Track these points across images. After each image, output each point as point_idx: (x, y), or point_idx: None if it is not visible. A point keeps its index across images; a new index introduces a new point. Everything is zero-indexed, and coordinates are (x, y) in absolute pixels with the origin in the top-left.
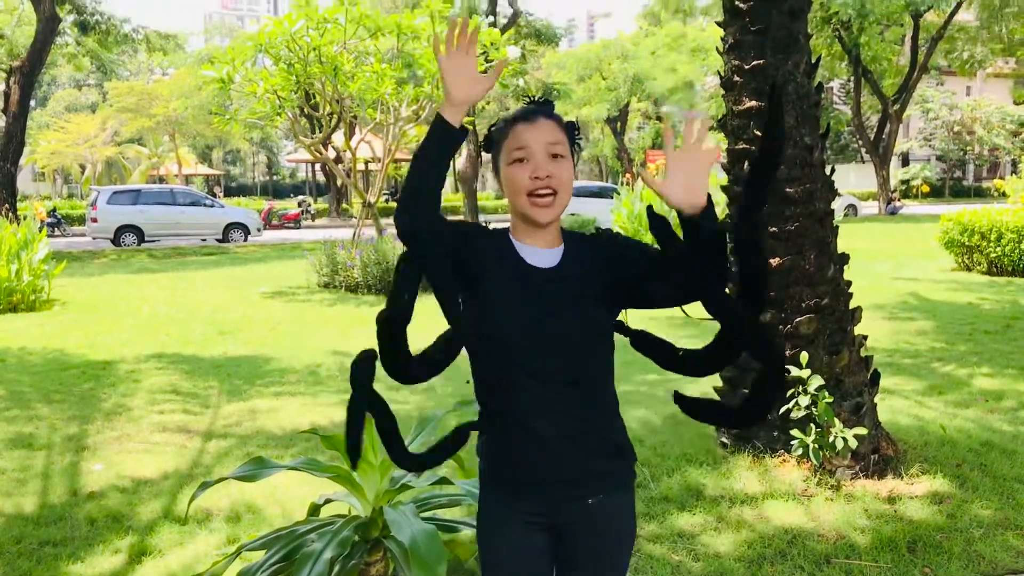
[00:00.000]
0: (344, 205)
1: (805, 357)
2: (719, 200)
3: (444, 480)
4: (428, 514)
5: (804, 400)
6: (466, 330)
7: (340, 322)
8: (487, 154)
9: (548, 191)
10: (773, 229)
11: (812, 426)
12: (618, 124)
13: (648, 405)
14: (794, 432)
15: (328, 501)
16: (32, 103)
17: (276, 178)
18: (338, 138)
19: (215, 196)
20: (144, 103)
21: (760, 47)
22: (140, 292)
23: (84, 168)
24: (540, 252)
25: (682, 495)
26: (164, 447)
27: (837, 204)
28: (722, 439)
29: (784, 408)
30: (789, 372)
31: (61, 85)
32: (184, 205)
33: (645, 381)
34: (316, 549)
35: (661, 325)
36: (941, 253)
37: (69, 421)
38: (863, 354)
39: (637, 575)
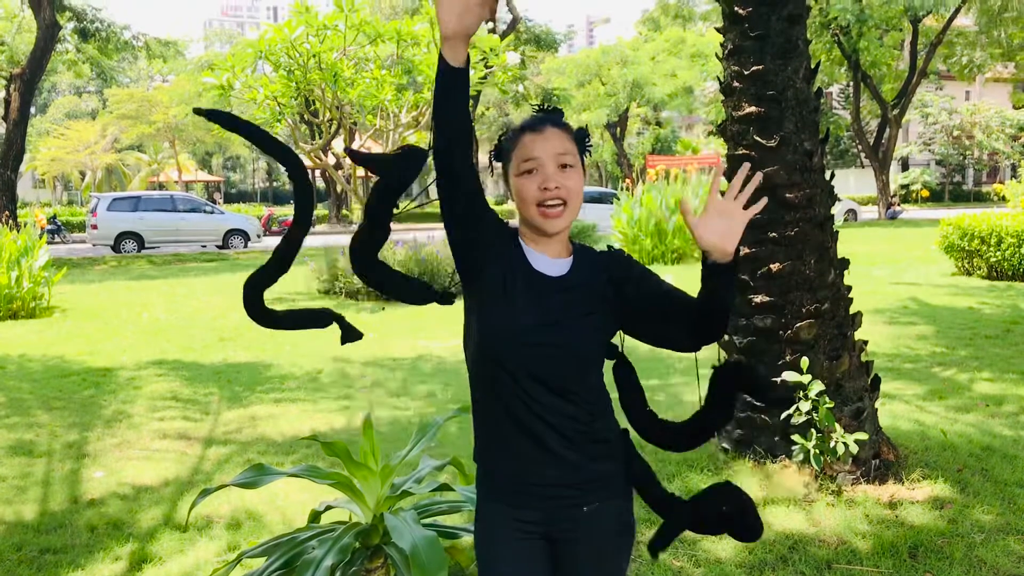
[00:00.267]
0: (344, 211)
1: (806, 362)
2: None
3: (445, 486)
4: (429, 520)
5: (805, 405)
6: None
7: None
8: (497, 163)
9: (557, 201)
10: (773, 234)
11: (813, 431)
12: (618, 130)
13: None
14: (795, 437)
15: (328, 508)
16: (32, 110)
17: (276, 184)
18: (338, 144)
19: (215, 202)
20: (144, 110)
21: (759, 53)
22: (140, 299)
23: (84, 175)
24: (549, 260)
25: None
26: (164, 454)
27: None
28: (723, 445)
29: (785, 413)
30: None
31: (61, 92)
32: (184, 212)
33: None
34: (317, 556)
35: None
36: (941, 257)
37: (69, 428)
38: (864, 359)
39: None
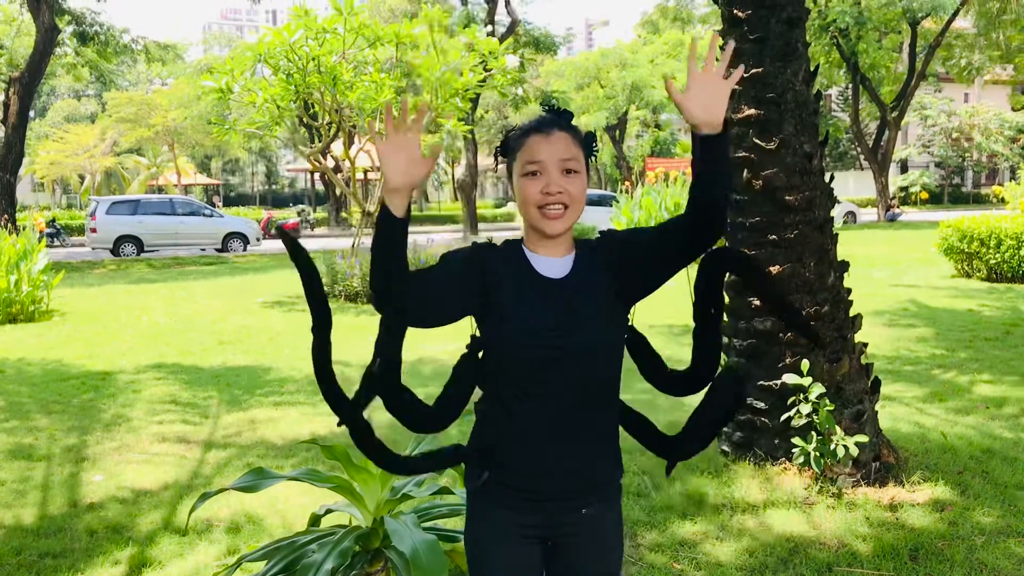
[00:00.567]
0: (343, 214)
1: (806, 365)
2: None
3: (445, 490)
4: (429, 524)
5: (805, 408)
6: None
7: (339, 332)
8: (502, 158)
9: (559, 205)
10: (773, 237)
11: (813, 434)
12: (617, 132)
13: (648, 413)
14: (795, 440)
15: (328, 511)
16: (31, 113)
17: (275, 188)
18: (337, 147)
19: (214, 206)
20: (143, 113)
21: (759, 55)
22: (139, 302)
23: (83, 178)
24: (552, 262)
25: (683, 504)
26: (164, 458)
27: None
28: (723, 447)
29: (785, 416)
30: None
31: (60, 95)
32: (183, 215)
33: (645, 389)
34: (317, 560)
35: (656, 333)
36: (940, 260)
37: (68, 432)
38: (863, 361)
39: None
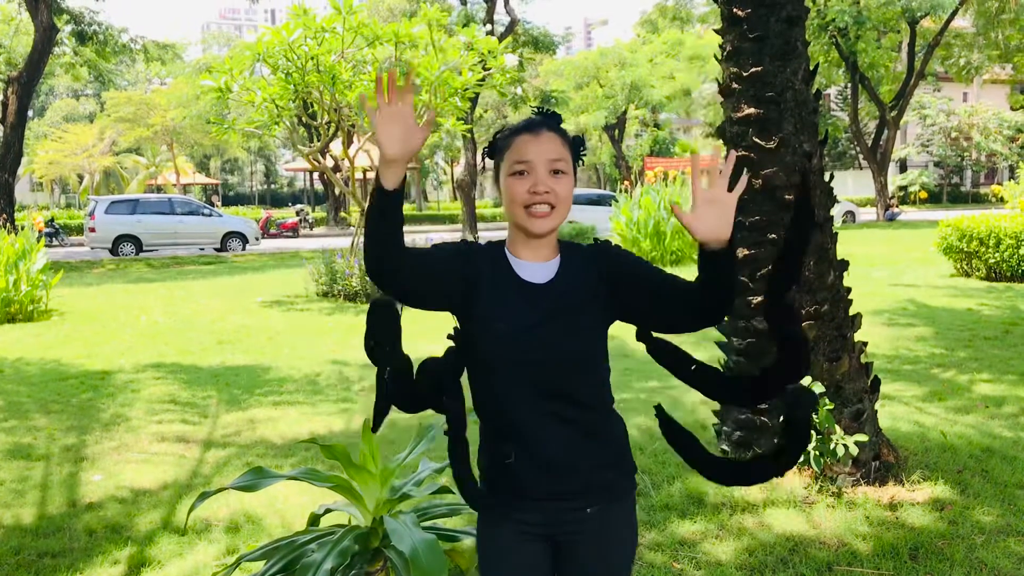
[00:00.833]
0: (342, 214)
1: None
2: None
3: (444, 489)
4: (428, 523)
5: None
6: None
7: (339, 331)
8: (491, 160)
9: (545, 205)
10: (772, 236)
11: (813, 433)
12: (616, 131)
13: (648, 413)
14: None
15: (328, 511)
16: (30, 113)
17: (274, 187)
18: (336, 147)
19: (213, 205)
20: (142, 113)
21: (758, 54)
22: (138, 302)
23: (82, 178)
24: (535, 266)
25: (683, 503)
26: (163, 457)
27: (835, 211)
28: (723, 446)
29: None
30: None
31: (59, 95)
32: (182, 214)
33: (645, 388)
34: (316, 559)
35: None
36: (940, 259)
37: (67, 431)
38: (863, 361)
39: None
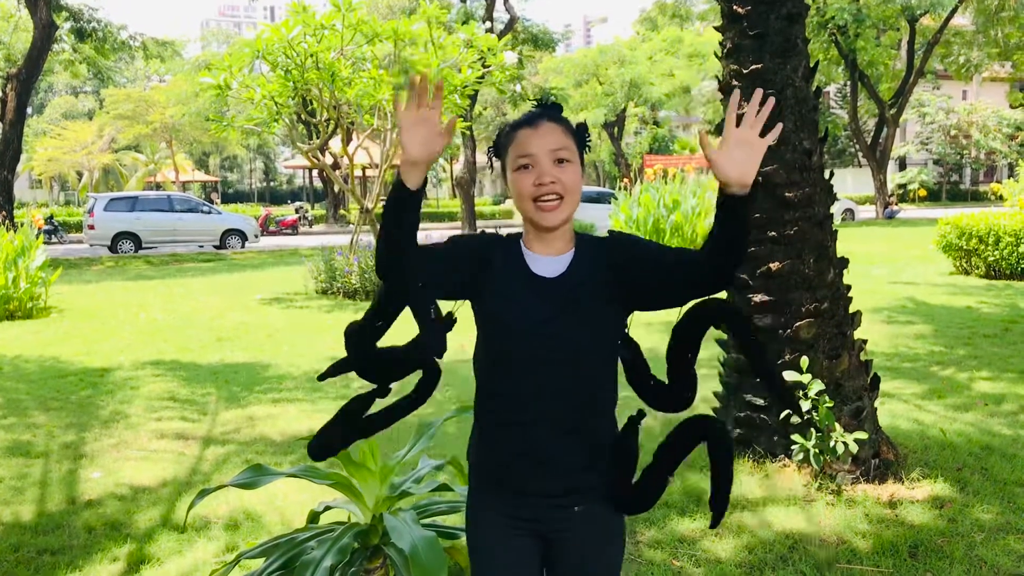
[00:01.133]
0: (341, 211)
1: (805, 362)
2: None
3: (444, 486)
4: (428, 520)
5: (804, 405)
6: (430, 352)
7: (338, 328)
8: (496, 160)
9: (553, 196)
10: (772, 233)
11: (813, 431)
12: (615, 129)
13: (648, 411)
14: (795, 437)
15: (327, 508)
16: (29, 110)
17: (273, 184)
18: (335, 144)
19: (212, 203)
20: (141, 110)
21: (758, 51)
22: (137, 299)
23: (81, 175)
24: (548, 260)
25: (682, 500)
26: (162, 454)
27: (834, 208)
28: None
29: (785, 413)
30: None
31: (58, 92)
32: (181, 212)
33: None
34: (316, 557)
35: (655, 330)
36: (939, 257)
37: (66, 429)
38: (863, 358)
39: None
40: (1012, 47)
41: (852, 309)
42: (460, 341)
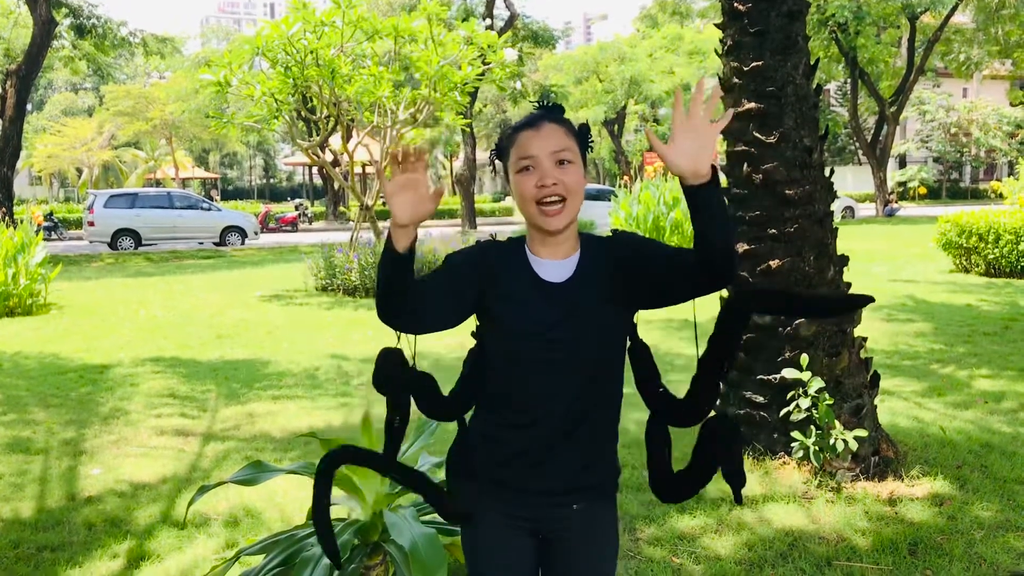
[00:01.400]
0: (341, 208)
1: (805, 359)
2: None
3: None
4: (428, 517)
5: (804, 402)
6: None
7: (338, 325)
8: (500, 162)
9: (555, 198)
10: (772, 231)
11: (812, 428)
12: (615, 127)
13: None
14: (794, 434)
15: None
16: (28, 107)
17: (273, 181)
18: (335, 141)
19: (212, 199)
20: (141, 107)
21: (759, 48)
22: (137, 296)
23: (81, 172)
24: (553, 264)
25: None
26: (162, 451)
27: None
28: None
29: (784, 410)
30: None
31: (58, 89)
32: (181, 209)
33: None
34: (315, 553)
35: (654, 328)
36: (939, 255)
37: (66, 425)
38: (863, 356)
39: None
40: (1012, 45)
41: None
42: (459, 339)
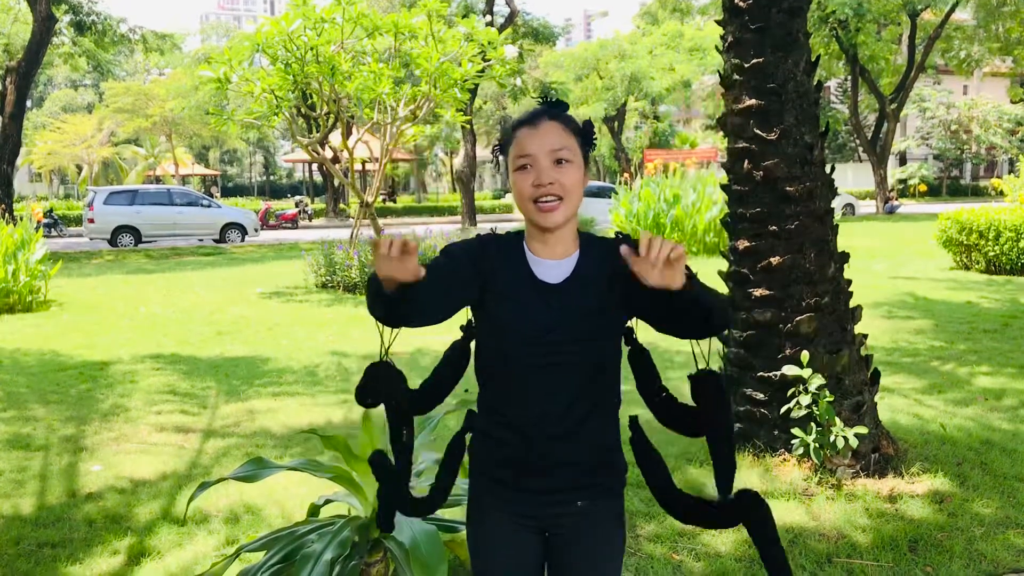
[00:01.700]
0: (341, 205)
1: (806, 356)
2: (718, 199)
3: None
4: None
5: (805, 399)
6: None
7: (338, 322)
8: (502, 157)
9: (552, 197)
10: (773, 228)
11: (813, 425)
12: (615, 123)
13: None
14: (795, 431)
15: (328, 501)
16: (28, 103)
17: (273, 178)
18: (335, 138)
19: (212, 196)
20: (141, 103)
21: (760, 45)
22: (137, 293)
23: (81, 169)
24: (551, 264)
25: None
26: (162, 448)
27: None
28: None
29: (785, 407)
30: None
31: (57, 85)
32: (181, 205)
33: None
34: (316, 550)
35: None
36: (939, 252)
37: (66, 422)
38: (863, 353)
39: (639, 575)
40: (1013, 42)
41: (852, 304)
42: (458, 336)
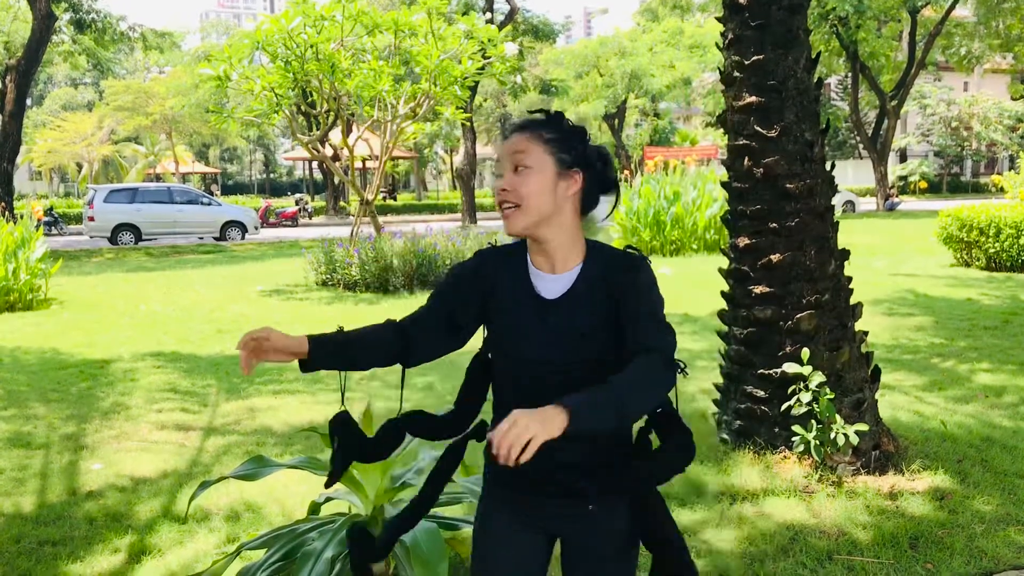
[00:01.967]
0: (342, 203)
1: (806, 353)
2: (719, 196)
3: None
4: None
5: (805, 396)
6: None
7: (338, 320)
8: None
9: (508, 204)
10: (773, 225)
11: (813, 422)
12: (616, 121)
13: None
14: (795, 428)
15: (328, 499)
16: (28, 102)
17: (273, 176)
18: (335, 136)
19: (212, 194)
20: (141, 101)
21: (760, 42)
22: (137, 291)
23: (81, 167)
24: (553, 279)
25: (683, 492)
26: (163, 446)
27: (835, 200)
28: (723, 435)
29: (785, 405)
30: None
31: (57, 83)
32: (181, 203)
33: None
34: (317, 548)
35: None
36: (940, 249)
37: (67, 420)
38: (863, 350)
39: (639, 572)
40: (1013, 39)
41: (853, 301)
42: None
